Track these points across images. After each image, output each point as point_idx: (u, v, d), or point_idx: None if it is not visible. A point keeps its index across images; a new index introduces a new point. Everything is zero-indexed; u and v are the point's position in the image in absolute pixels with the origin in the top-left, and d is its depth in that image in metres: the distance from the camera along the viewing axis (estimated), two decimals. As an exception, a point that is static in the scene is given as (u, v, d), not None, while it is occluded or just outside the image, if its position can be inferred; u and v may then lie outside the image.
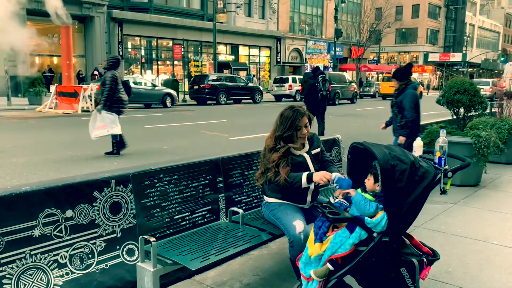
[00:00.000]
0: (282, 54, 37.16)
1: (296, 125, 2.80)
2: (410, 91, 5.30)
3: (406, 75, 5.50)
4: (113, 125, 7.49)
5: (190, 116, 16.06)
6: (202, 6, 32.11)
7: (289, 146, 2.81)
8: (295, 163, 2.82)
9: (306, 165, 2.89)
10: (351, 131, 11.35)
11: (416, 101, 5.30)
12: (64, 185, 2.57)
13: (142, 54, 29.51)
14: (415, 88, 5.36)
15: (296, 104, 2.94)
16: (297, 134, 2.82)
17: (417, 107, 5.32)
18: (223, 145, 9.16)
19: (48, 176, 6.07)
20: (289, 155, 2.81)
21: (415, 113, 5.27)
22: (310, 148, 2.97)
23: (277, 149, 2.79)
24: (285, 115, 2.84)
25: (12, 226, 2.34)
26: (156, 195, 2.71)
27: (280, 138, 2.80)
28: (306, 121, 2.85)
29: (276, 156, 2.76)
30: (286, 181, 2.73)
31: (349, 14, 42.93)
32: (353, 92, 27.94)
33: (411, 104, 5.24)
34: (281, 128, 2.82)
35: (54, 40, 24.64)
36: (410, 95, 5.27)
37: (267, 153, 2.84)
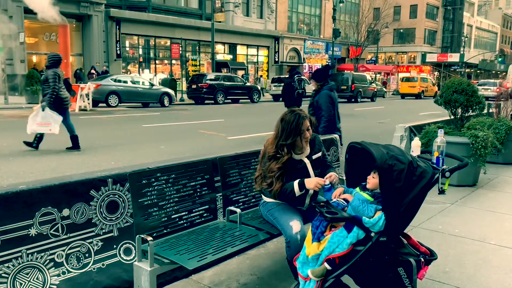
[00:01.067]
0: (280, 53, 37.17)
1: (299, 129, 2.74)
2: (324, 92, 5.63)
3: (323, 76, 5.82)
4: (56, 125, 7.63)
5: (188, 116, 16.05)
6: (200, 5, 32.07)
7: (291, 155, 2.77)
8: (295, 169, 2.79)
9: (306, 171, 2.85)
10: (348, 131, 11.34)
11: (332, 101, 5.63)
12: (61, 184, 2.56)
13: (140, 53, 29.46)
14: (330, 89, 5.68)
15: (296, 108, 2.88)
16: (300, 138, 2.77)
17: (333, 106, 5.64)
18: (221, 145, 9.15)
19: (45, 175, 6.05)
20: (289, 162, 2.77)
21: (332, 111, 5.60)
22: (311, 152, 2.91)
23: (277, 157, 2.74)
24: (287, 120, 2.77)
25: (8, 225, 2.33)
26: (154, 194, 2.70)
27: (284, 145, 2.74)
28: (308, 124, 2.80)
29: (276, 167, 2.72)
30: (279, 194, 2.73)
31: (347, 14, 42.97)
32: (373, 92, 30.24)
33: (327, 104, 5.56)
34: (284, 134, 2.74)
35: (52, 38, 24.58)
36: (324, 95, 5.60)
37: (266, 159, 2.79)
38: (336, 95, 5.83)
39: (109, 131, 11.29)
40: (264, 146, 2.87)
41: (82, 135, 10.22)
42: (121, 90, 18.75)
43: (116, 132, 11.00)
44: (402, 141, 6.19)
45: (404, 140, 6.20)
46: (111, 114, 15.56)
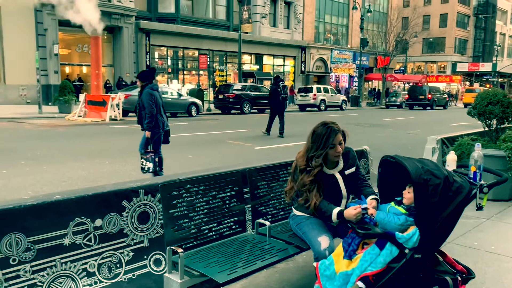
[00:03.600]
0: (307, 63, 37.12)
1: (330, 143, 2.67)
2: (146, 91, 6.22)
3: (147, 77, 6.44)
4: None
5: (215, 125, 16.17)
6: (227, 16, 32.47)
7: (321, 168, 2.70)
8: (326, 184, 2.72)
9: (338, 187, 2.78)
10: (376, 141, 11.17)
11: (154, 99, 6.19)
12: (94, 194, 2.60)
13: (169, 64, 30.00)
14: (152, 89, 6.27)
15: (329, 120, 2.79)
16: (331, 152, 2.69)
17: (155, 104, 6.20)
18: (248, 155, 9.16)
19: (77, 185, 6.19)
20: (321, 176, 2.70)
21: (153, 108, 6.17)
22: (344, 167, 2.83)
23: (308, 170, 2.68)
24: (318, 132, 2.71)
25: (44, 234, 2.38)
26: (184, 205, 2.71)
27: (313, 158, 2.68)
28: (341, 138, 2.71)
29: (308, 180, 2.66)
30: (315, 210, 2.66)
31: (375, 24, 42.57)
32: (445, 101, 35.57)
33: (148, 101, 6.14)
34: (314, 147, 2.69)
35: (84, 50, 25.35)
36: (146, 94, 6.19)
37: (298, 173, 2.74)
38: (159, 94, 6.41)
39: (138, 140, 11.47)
40: (296, 159, 2.81)
41: (113, 144, 10.45)
42: (150, 100, 19.05)
43: (145, 142, 11.17)
44: (434, 153, 6.03)
45: (436, 152, 6.04)
46: (140, 124, 15.83)
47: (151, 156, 6.24)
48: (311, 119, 20.81)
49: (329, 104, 28.64)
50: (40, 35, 22.76)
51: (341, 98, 30.32)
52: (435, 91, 34.36)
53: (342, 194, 2.79)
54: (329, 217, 2.64)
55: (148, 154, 6.27)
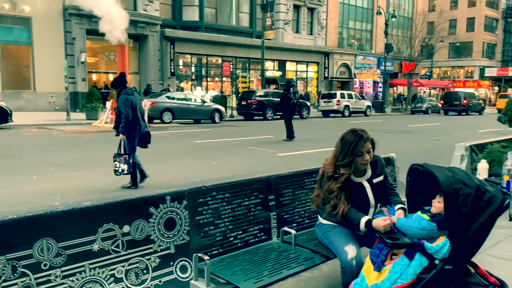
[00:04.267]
0: (330, 69, 36.93)
1: (358, 151, 2.63)
2: (121, 96, 6.42)
3: (120, 83, 6.68)
4: None
5: (238, 132, 16.24)
6: (250, 23, 32.67)
7: (349, 175, 2.67)
8: (353, 192, 2.69)
9: (365, 195, 2.74)
10: (402, 148, 10.99)
11: (128, 103, 6.35)
12: (122, 201, 2.64)
13: (193, 71, 30.36)
14: (127, 93, 6.46)
15: (358, 128, 2.76)
16: (358, 160, 2.66)
17: (133, 109, 6.38)
18: (271, 162, 9.15)
19: (103, 189, 6.30)
20: (348, 184, 2.68)
21: (129, 113, 6.33)
22: (373, 175, 2.80)
23: (336, 177, 2.65)
24: (346, 140, 2.68)
25: (74, 240, 2.43)
26: (209, 212, 2.73)
27: (341, 166, 2.65)
28: (369, 147, 2.68)
29: (335, 187, 2.63)
30: (343, 218, 2.62)
31: (399, 29, 42.07)
32: (480, 106, 35.05)
33: (124, 106, 6.32)
34: (341, 154, 2.66)
35: (111, 58, 25.92)
36: (121, 99, 6.38)
37: (325, 180, 2.72)
38: (136, 98, 6.57)
39: (164, 146, 11.63)
40: (323, 166, 2.79)
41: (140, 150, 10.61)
42: (174, 107, 19.36)
43: (170, 148, 11.32)
44: (463, 161, 5.88)
45: (465, 160, 5.89)
46: (165, 130, 16.06)
47: (124, 158, 6.37)
48: (334, 125, 20.65)
49: (353, 110, 28.39)
50: (69, 44, 23.42)
51: (366, 104, 30.01)
52: (471, 97, 34.22)
53: (370, 203, 2.75)
54: (357, 226, 2.60)
55: (121, 156, 6.40)
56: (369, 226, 2.55)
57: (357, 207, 2.68)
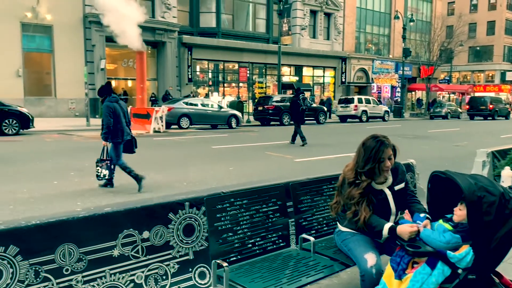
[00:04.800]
0: (347, 74, 36.74)
1: (379, 157, 2.61)
2: (105, 104, 6.70)
3: (105, 91, 6.94)
4: None
5: (255, 137, 16.25)
6: (267, 29, 32.78)
7: (370, 181, 2.65)
8: (374, 200, 2.66)
9: (387, 202, 2.71)
10: (422, 154, 10.83)
11: (111, 110, 6.62)
12: (142, 207, 2.66)
13: (210, 77, 30.57)
14: (111, 101, 6.72)
15: (379, 134, 2.74)
16: (379, 166, 2.63)
17: (115, 115, 6.64)
18: (289, 167, 9.12)
19: (123, 197, 6.37)
20: (370, 191, 2.65)
21: (110, 119, 6.60)
22: (394, 182, 2.77)
23: (357, 183, 2.63)
24: (368, 146, 2.66)
25: (94, 245, 2.46)
26: (227, 219, 2.73)
27: (362, 172, 2.64)
28: (390, 153, 2.65)
29: (357, 193, 2.61)
30: (365, 224, 2.59)
31: (418, 33, 41.64)
32: (507, 111, 34.96)
33: (105, 114, 6.62)
34: (363, 160, 2.64)
35: (129, 64, 26.30)
36: (104, 107, 6.68)
37: (346, 186, 2.69)
38: (120, 105, 6.84)
39: (181, 152, 11.73)
40: (343, 172, 2.77)
41: (157, 156, 10.73)
42: (192, 113, 19.52)
43: (188, 153, 11.40)
44: (484, 167, 5.76)
45: (487, 166, 5.77)
46: (183, 136, 16.19)
47: (106, 163, 6.72)
48: (352, 130, 20.50)
49: (371, 115, 28.15)
50: (88, 51, 23.85)
51: (383, 109, 29.74)
52: (497, 101, 34.23)
53: (392, 210, 2.72)
54: (379, 233, 2.57)
55: (103, 162, 6.74)
56: (392, 233, 2.51)
57: (378, 215, 2.65)
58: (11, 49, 21.23)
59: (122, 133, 6.75)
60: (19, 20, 21.46)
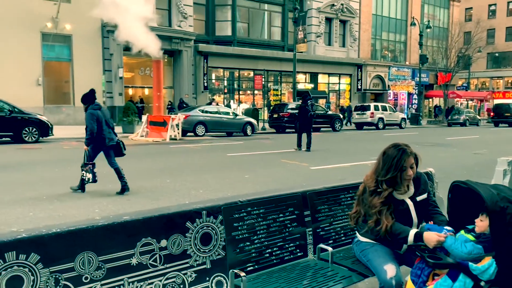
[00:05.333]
0: (363, 81, 36.56)
1: (401, 165, 2.56)
2: (88, 112, 7.05)
3: (88, 99, 7.25)
4: None
5: (270, 145, 16.24)
6: (282, 37, 32.88)
7: (392, 191, 2.60)
8: (395, 210, 2.61)
9: (408, 213, 2.65)
10: (440, 162, 10.67)
11: (94, 117, 6.97)
12: (160, 215, 2.67)
13: (225, 84, 30.75)
14: (94, 108, 7.07)
15: (401, 142, 2.69)
16: (401, 175, 2.58)
17: (98, 123, 7.00)
18: (304, 175, 9.08)
19: (141, 203, 6.43)
20: (391, 200, 2.60)
21: (94, 126, 6.95)
22: (416, 192, 2.71)
23: (378, 192, 2.59)
24: (389, 154, 2.62)
25: (113, 254, 2.47)
26: (244, 228, 2.72)
27: (383, 181, 2.59)
28: (412, 162, 2.61)
29: (378, 202, 2.56)
30: (388, 232, 2.54)
31: (434, 40, 41.25)
32: None
33: (89, 120, 6.98)
34: (384, 169, 2.60)
35: (146, 73, 26.64)
36: (87, 114, 7.04)
37: (367, 195, 2.65)
38: (103, 113, 7.17)
39: (197, 159, 11.79)
40: (364, 181, 2.73)
41: (174, 163, 10.80)
42: (207, 120, 19.64)
43: (204, 161, 11.45)
44: (505, 176, 5.62)
45: (508, 175, 5.63)
46: (198, 143, 16.28)
47: (89, 167, 7.11)
48: (368, 138, 20.35)
49: (388, 122, 27.92)
50: (106, 60, 24.26)
51: (400, 116, 29.46)
52: None
53: (413, 221, 2.66)
54: (402, 240, 2.52)
55: (87, 166, 7.13)
56: (419, 240, 2.45)
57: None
58: (31, 59, 21.73)
59: (104, 139, 7.13)
60: (39, 30, 21.97)
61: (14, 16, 20.69)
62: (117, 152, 7.40)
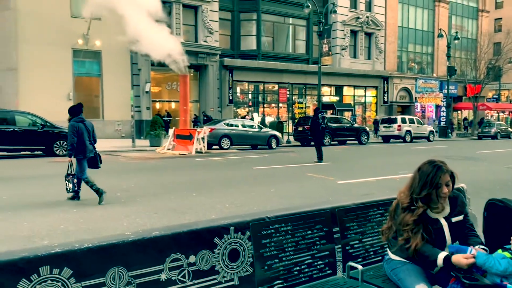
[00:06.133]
0: (390, 93, 36.14)
1: (436, 182, 2.49)
2: (70, 123, 7.46)
3: (73, 112, 7.63)
4: None
5: (295, 158, 16.17)
6: (307, 50, 32.95)
7: (426, 208, 2.52)
8: (429, 229, 2.53)
9: (442, 234, 2.56)
10: (471, 176, 10.37)
11: (77, 130, 7.36)
12: (189, 231, 2.68)
13: (250, 97, 30.95)
14: (76, 121, 7.46)
15: (437, 159, 2.61)
16: (436, 192, 2.51)
17: (78, 134, 7.36)
18: (331, 190, 8.98)
19: (167, 216, 6.49)
20: (425, 219, 2.53)
21: (74, 138, 7.32)
22: (451, 213, 2.62)
23: (412, 209, 2.52)
24: (424, 170, 2.55)
25: (143, 269, 2.49)
26: (272, 245, 2.70)
27: (418, 198, 2.52)
28: (448, 179, 2.52)
29: (411, 220, 2.49)
30: (416, 253, 2.47)
31: (463, 51, 40.45)
32: None
33: (69, 132, 7.36)
34: (418, 186, 2.53)
35: (173, 87, 27.11)
36: (70, 126, 7.43)
37: (399, 211, 2.59)
38: (86, 126, 7.56)
39: (223, 173, 11.84)
40: (398, 197, 2.66)
41: (198, 177, 10.89)
42: (232, 134, 19.77)
43: (229, 174, 11.49)
44: (542, 192, 5.42)
45: (545, 191, 5.43)
46: (224, 156, 16.37)
47: (71, 178, 7.48)
48: (395, 151, 20.02)
49: (415, 135, 27.42)
50: (135, 75, 24.84)
51: (428, 129, 28.90)
52: None
53: (447, 242, 2.57)
54: (432, 262, 2.44)
55: (68, 176, 7.50)
56: (448, 263, 2.38)
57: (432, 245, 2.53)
58: (63, 74, 22.47)
59: (84, 150, 7.44)
60: (71, 47, 22.75)
61: (47, 34, 21.49)
62: (93, 164, 7.74)
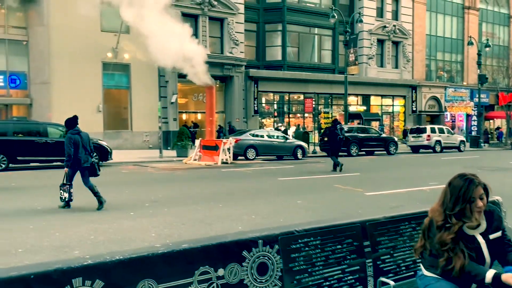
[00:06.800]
0: (418, 102, 35.46)
1: (469, 196, 2.38)
2: (67, 135, 7.80)
3: (69, 124, 7.92)
4: None
5: (321, 169, 16.02)
6: (333, 60, 32.82)
7: (462, 225, 2.42)
8: (467, 247, 2.42)
9: (480, 251, 2.45)
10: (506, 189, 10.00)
11: (72, 141, 7.66)
12: (218, 244, 2.68)
13: (275, 108, 30.96)
14: (72, 133, 7.79)
15: (468, 172, 2.51)
16: (471, 207, 2.40)
17: (75, 145, 7.68)
18: (359, 202, 8.84)
19: (195, 227, 6.52)
20: (461, 236, 2.42)
21: (71, 149, 7.64)
22: (488, 229, 2.50)
23: (447, 227, 2.41)
24: (455, 185, 2.45)
25: (172, 282, 2.49)
26: (301, 259, 2.66)
27: (451, 215, 2.42)
28: (481, 192, 2.41)
29: (448, 238, 2.38)
30: (461, 272, 2.36)
31: (494, 58, 39.40)
32: None
33: (67, 144, 7.66)
34: (451, 202, 2.43)
35: (199, 98, 27.43)
36: (66, 138, 7.77)
37: (434, 230, 2.48)
38: (82, 137, 7.81)
39: (249, 183, 11.84)
40: (430, 214, 2.56)
41: (224, 187, 10.92)
42: (258, 144, 19.78)
43: (255, 185, 11.48)
44: None
45: None
46: (249, 167, 16.38)
47: (67, 187, 7.74)
48: (425, 162, 19.59)
49: (445, 145, 26.74)
50: (162, 87, 25.27)
51: (459, 139, 28.17)
52: None
53: (486, 261, 2.46)
54: (479, 281, 2.33)
55: (65, 186, 7.76)
56: (497, 282, 2.26)
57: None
58: (93, 87, 23.08)
59: (80, 161, 7.76)
60: (100, 60, 23.37)
61: (78, 48, 22.16)
62: (92, 173, 8.04)
